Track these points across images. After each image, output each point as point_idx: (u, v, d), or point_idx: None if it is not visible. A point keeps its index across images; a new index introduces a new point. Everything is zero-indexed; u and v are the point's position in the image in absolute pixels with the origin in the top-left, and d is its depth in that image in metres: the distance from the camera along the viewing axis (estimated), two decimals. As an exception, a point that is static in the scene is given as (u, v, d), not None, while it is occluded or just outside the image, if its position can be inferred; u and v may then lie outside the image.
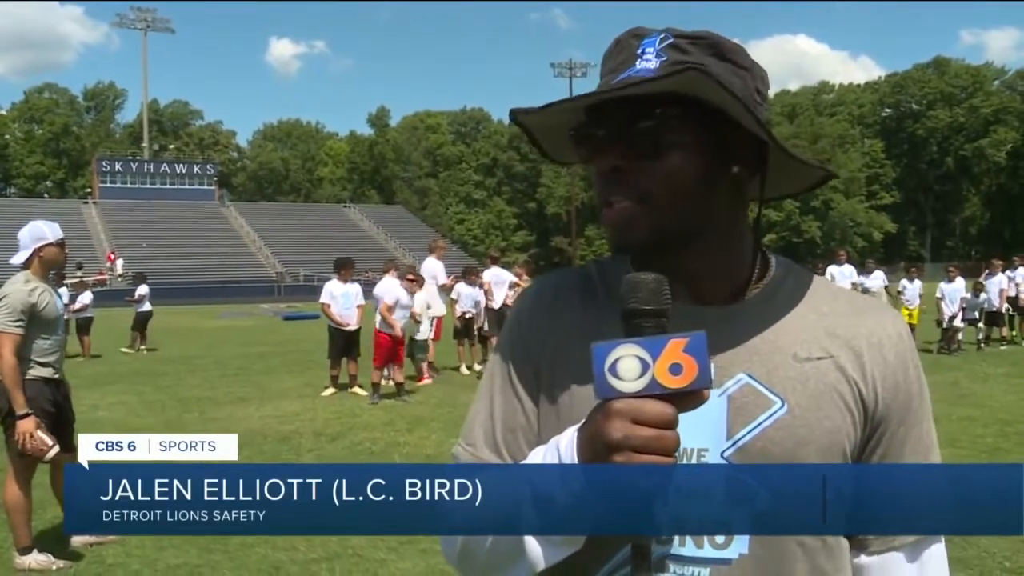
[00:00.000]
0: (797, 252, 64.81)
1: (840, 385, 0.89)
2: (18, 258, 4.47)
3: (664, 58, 0.87)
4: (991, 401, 9.22)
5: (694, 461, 0.87)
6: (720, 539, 0.85)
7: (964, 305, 14.85)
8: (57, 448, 4.27)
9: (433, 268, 11.91)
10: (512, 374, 0.99)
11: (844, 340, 0.91)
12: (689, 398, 0.74)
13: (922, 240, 78.55)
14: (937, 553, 0.93)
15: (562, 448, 0.81)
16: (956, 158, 74.65)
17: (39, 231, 4.48)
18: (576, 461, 0.78)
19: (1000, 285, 15.43)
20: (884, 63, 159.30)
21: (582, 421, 0.80)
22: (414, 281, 10.40)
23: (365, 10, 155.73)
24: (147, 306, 16.57)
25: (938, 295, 14.66)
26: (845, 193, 72.09)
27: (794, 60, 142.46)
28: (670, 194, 0.86)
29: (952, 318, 14.52)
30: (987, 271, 16.13)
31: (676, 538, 0.86)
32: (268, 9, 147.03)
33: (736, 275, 0.94)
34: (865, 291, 13.40)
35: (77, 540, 4.71)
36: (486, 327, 12.25)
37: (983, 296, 15.29)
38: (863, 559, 0.93)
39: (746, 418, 0.87)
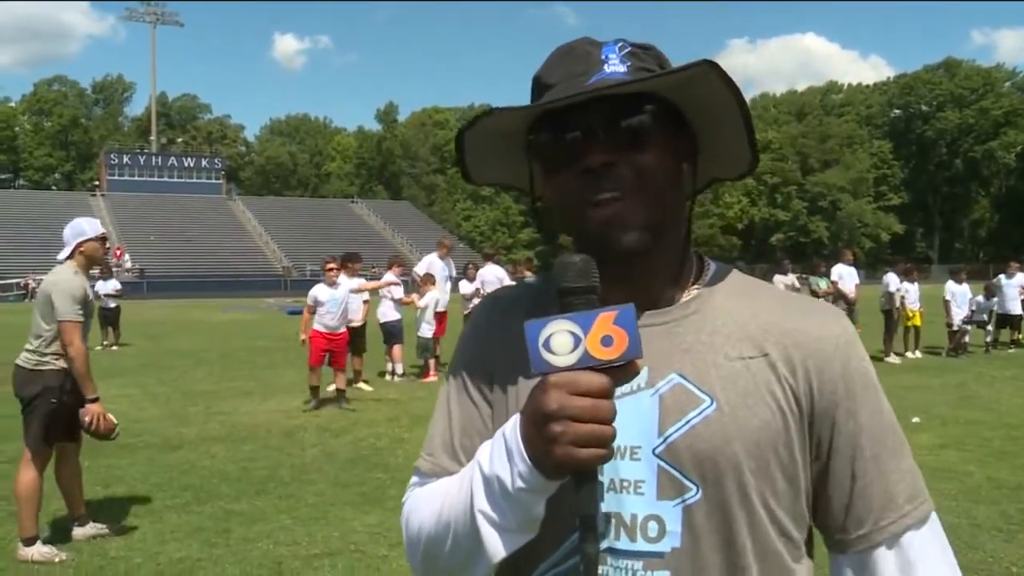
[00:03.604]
0: (804, 252, 64.61)
1: (771, 384, 0.90)
2: (62, 254, 4.61)
3: (629, 63, 0.91)
4: (998, 404, 9.17)
5: (627, 458, 0.89)
6: (653, 533, 0.88)
7: (973, 308, 14.76)
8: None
9: (429, 264, 12.04)
10: (468, 383, 1.03)
11: (777, 339, 0.92)
12: (623, 370, 0.78)
13: (930, 242, 78.26)
14: (921, 536, 0.90)
15: (507, 432, 0.83)
16: (965, 160, 74.34)
17: (79, 228, 4.64)
18: (520, 442, 0.81)
19: (1019, 285, 15.24)
20: (896, 62, 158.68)
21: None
22: (336, 271, 9.51)
23: (367, 6, 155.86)
24: (112, 303, 16.37)
25: (947, 296, 14.53)
26: (853, 194, 71.89)
27: (803, 59, 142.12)
28: (657, 185, 0.89)
29: (966, 320, 14.44)
30: (1002, 274, 15.87)
31: (611, 532, 0.88)
32: (272, 2, 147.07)
33: (678, 276, 0.97)
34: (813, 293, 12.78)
35: (79, 532, 4.72)
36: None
37: (994, 299, 15.22)
38: (842, 558, 0.93)
39: (676, 416, 0.89)
